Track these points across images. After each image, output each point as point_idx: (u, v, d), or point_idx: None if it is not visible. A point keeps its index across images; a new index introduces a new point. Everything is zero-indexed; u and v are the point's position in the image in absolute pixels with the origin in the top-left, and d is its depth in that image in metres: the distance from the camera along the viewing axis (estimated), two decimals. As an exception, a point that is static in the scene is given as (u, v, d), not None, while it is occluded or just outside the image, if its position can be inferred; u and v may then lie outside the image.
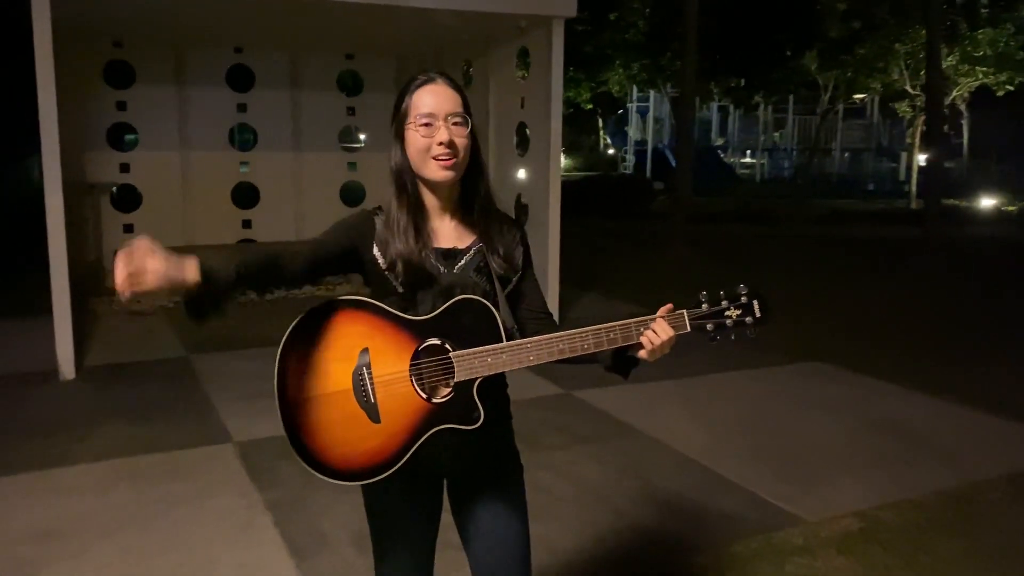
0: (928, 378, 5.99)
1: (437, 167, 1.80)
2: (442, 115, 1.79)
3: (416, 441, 1.77)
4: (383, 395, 1.77)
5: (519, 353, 1.79)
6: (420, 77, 1.85)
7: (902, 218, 17.48)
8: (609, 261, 11.56)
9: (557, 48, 6.95)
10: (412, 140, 1.81)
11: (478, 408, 1.79)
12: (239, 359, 6.26)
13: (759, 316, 1.85)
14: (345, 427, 1.78)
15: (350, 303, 1.82)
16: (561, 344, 1.80)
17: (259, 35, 8.77)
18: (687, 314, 1.84)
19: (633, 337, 1.82)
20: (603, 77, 22.24)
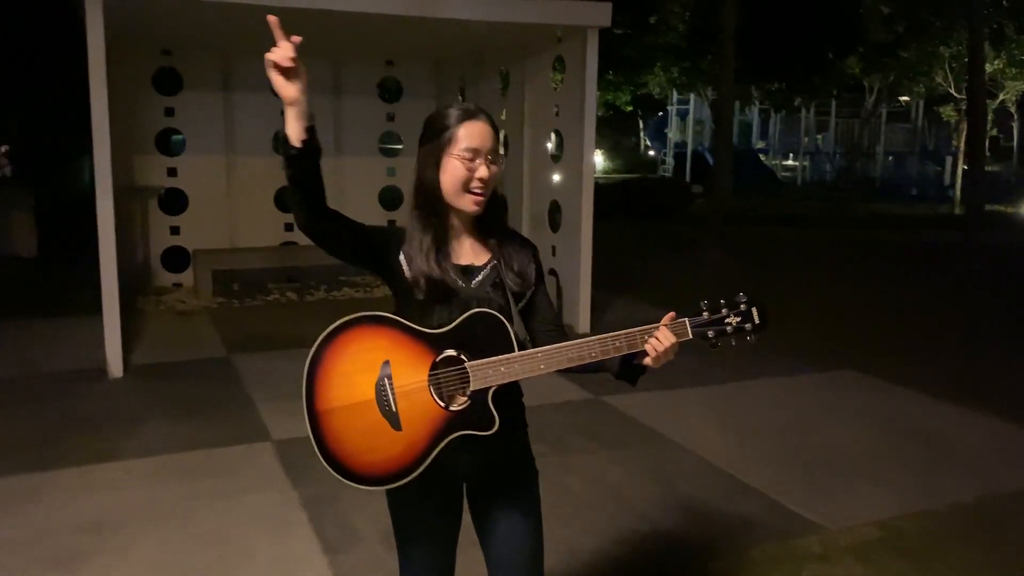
0: (961, 387, 5.98)
1: (471, 200, 1.93)
2: (485, 152, 1.92)
3: (435, 447, 1.90)
4: (404, 404, 1.90)
5: (530, 362, 1.92)
6: (459, 109, 1.95)
7: (945, 223, 17.23)
8: (644, 265, 11.61)
9: (591, 57, 7.06)
10: (452, 169, 1.92)
11: (493, 415, 1.92)
12: (278, 359, 6.46)
13: (758, 323, 1.96)
14: (369, 435, 1.91)
15: (371, 319, 1.95)
16: (570, 353, 1.92)
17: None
18: (689, 322, 1.95)
19: (638, 345, 1.94)
20: (643, 80, 22.25)
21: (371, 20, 6.89)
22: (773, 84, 18.39)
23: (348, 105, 10.15)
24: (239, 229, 9.76)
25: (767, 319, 1.95)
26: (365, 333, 1.94)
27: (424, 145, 1.98)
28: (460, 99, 10.02)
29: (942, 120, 24.94)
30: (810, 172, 31.21)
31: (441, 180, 1.94)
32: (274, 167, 10.01)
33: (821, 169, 31.54)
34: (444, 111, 1.97)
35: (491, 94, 9.22)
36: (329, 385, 1.95)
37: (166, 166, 9.45)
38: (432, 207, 1.96)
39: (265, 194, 9.90)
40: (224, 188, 9.69)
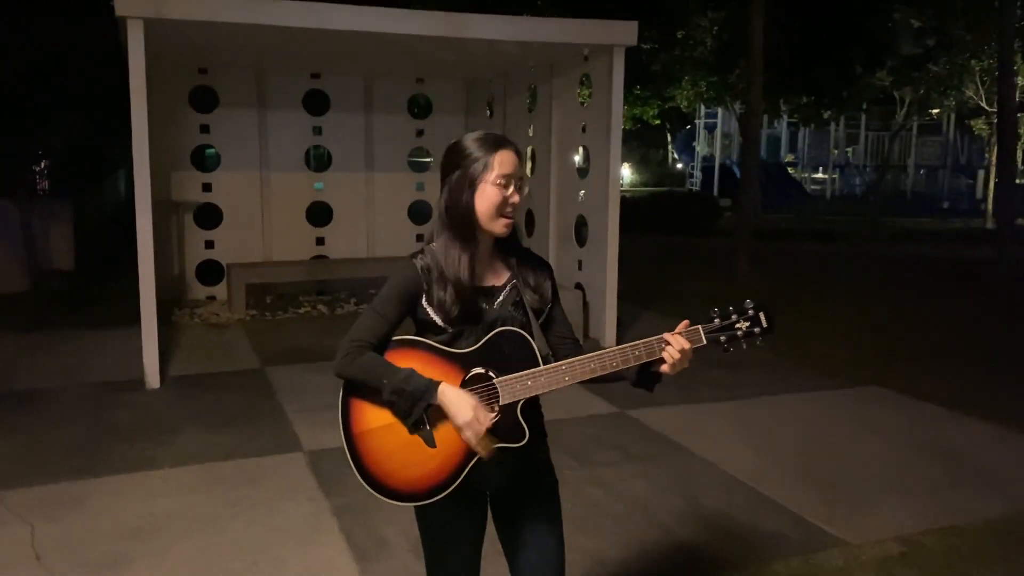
0: (989, 404, 5.96)
1: (503, 224, 2.05)
2: (516, 177, 2.05)
3: (469, 462, 2.01)
4: (436, 422, 2.01)
5: (555, 375, 2.02)
6: (490, 138, 2.06)
7: (977, 238, 17.09)
8: (670, 279, 11.65)
9: (618, 75, 7.16)
10: (489, 194, 2.02)
11: (523, 427, 2.02)
12: (310, 371, 6.60)
13: (765, 326, 2.08)
14: (405, 454, 2.02)
15: (402, 343, 2.07)
16: (592, 364, 2.02)
17: (335, 62, 9.19)
18: (702, 328, 2.07)
19: (656, 353, 2.04)
20: (670, 93, 22.29)
21: (402, 40, 7.05)
22: (802, 98, 18.35)
23: (379, 121, 10.33)
24: (272, 243, 9.96)
25: (774, 322, 2.07)
26: (397, 356, 2.05)
27: (452, 172, 2.06)
28: (488, 114, 10.16)
29: (974, 133, 24.71)
30: (840, 185, 31.02)
31: (476, 205, 2.03)
32: (306, 182, 10.26)
33: (851, 182, 31.34)
34: (470, 141, 2.07)
35: (519, 110, 9.35)
36: (364, 408, 2.06)
37: (201, 181, 9.68)
38: (468, 230, 2.05)
39: (297, 209, 10.09)
40: (257, 203, 9.90)
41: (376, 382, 2.00)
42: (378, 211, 10.51)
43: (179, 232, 9.54)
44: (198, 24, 6.33)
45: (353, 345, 2.04)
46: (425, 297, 2.05)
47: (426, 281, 2.05)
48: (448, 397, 1.97)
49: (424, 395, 1.97)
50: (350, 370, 2.04)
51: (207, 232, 9.74)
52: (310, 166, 10.49)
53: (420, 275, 2.06)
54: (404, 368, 2.00)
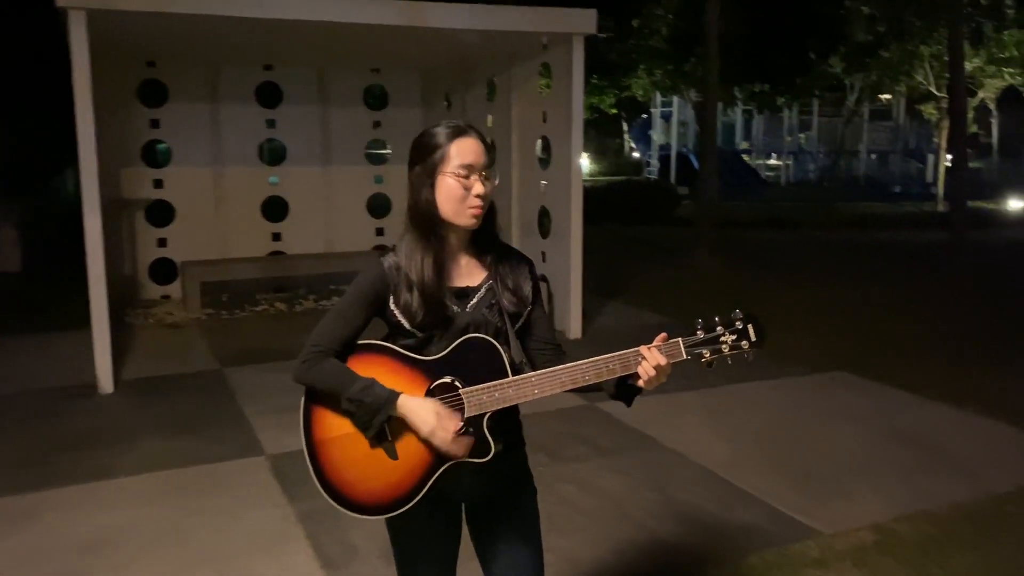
0: (952, 388, 6.02)
1: (469, 216, 1.93)
2: (479, 167, 1.92)
3: (432, 475, 1.91)
4: (399, 433, 1.91)
5: (523, 387, 1.92)
6: (449, 126, 1.95)
7: (929, 221, 17.37)
8: (632, 269, 11.64)
9: (578, 64, 7.08)
10: (448, 187, 1.91)
11: (489, 442, 1.92)
12: (269, 372, 6.44)
13: (754, 340, 1.93)
14: (366, 465, 1.92)
15: (367, 348, 1.96)
16: (563, 376, 1.92)
17: (288, 53, 8.98)
18: (682, 342, 1.93)
19: (631, 367, 1.92)
20: (627, 83, 22.35)
21: (358, 29, 6.89)
22: (757, 85, 18.51)
23: (334, 113, 10.14)
24: (226, 240, 9.72)
25: (764, 335, 1.93)
26: (359, 362, 1.94)
27: (415, 167, 1.96)
28: (447, 104, 10.03)
29: (923, 118, 25.14)
30: (794, 171, 31.39)
31: (437, 200, 1.93)
32: (261, 177, 10.02)
33: (804, 168, 31.73)
34: (432, 130, 1.96)
35: (478, 101, 9.23)
36: (325, 415, 1.96)
37: (152, 178, 9.41)
38: (430, 228, 1.95)
39: (252, 204, 9.87)
40: (211, 199, 9.65)
41: (335, 391, 1.90)
42: (336, 205, 10.32)
43: (130, 230, 9.27)
44: (144, 15, 6.11)
45: (314, 350, 1.94)
46: (393, 299, 1.94)
47: (394, 282, 1.94)
48: (409, 408, 1.87)
49: (383, 407, 1.87)
50: (309, 377, 1.94)
51: (159, 230, 9.47)
52: (264, 160, 10.26)
53: (388, 275, 1.95)
54: (365, 377, 1.89)
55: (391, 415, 1.88)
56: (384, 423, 1.89)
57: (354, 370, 1.92)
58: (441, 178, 1.92)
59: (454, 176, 1.90)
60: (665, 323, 8.24)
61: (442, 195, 1.92)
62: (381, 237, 10.53)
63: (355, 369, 1.92)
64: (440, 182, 1.92)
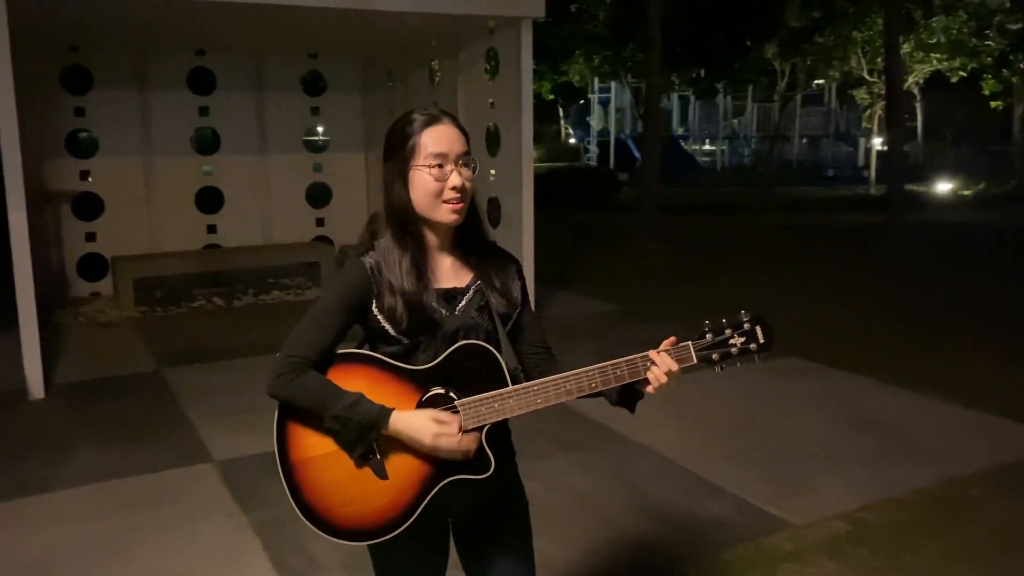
0: (904, 371, 6.06)
1: (447, 211, 1.76)
2: (453, 157, 1.75)
3: (427, 495, 1.75)
4: (388, 451, 1.74)
5: (526, 396, 1.77)
6: (422, 115, 1.79)
7: (864, 204, 17.73)
8: (579, 256, 11.57)
9: (526, 48, 6.92)
10: (421, 181, 1.75)
11: (489, 457, 1.77)
12: (212, 372, 6.17)
13: (763, 342, 1.86)
14: (351, 486, 1.75)
15: (348, 357, 1.78)
16: (568, 384, 1.79)
17: (221, 37, 8.61)
18: (692, 346, 1.84)
19: (640, 372, 1.82)
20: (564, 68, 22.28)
21: (297, 12, 6.60)
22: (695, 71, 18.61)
23: (271, 100, 9.79)
24: (159, 233, 9.32)
25: (772, 337, 1.86)
26: (340, 373, 1.76)
27: (388, 161, 1.81)
28: (388, 91, 9.76)
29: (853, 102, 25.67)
30: (729, 156, 31.80)
31: (412, 196, 1.77)
32: (194, 167, 9.63)
33: (740, 153, 32.17)
34: (403, 119, 1.80)
35: (422, 86, 9.00)
36: (303, 433, 1.77)
37: (78, 169, 8.95)
38: (405, 227, 1.79)
39: (186, 196, 9.48)
40: (141, 190, 9.24)
41: (318, 408, 1.72)
42: (273, 195, 9.98)
43: (56, 225, 8.81)
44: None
45: (290, 362, 1.74)
46: (376, 303, 1.77)
47: (376, 284, 1.77)
48: (404, 423, 1.71)
49: (374, 425, 1.69)
50: (287, 392, 1.74)
51: (87, 224, 9.02)
52: (197, 149, 9.85)
53: (369, 277, 1.77)
54: (351, 392, 1.71)
55: (381, 433, 1.71)
56: (372, 441, 1.73)
57: (338, 382, 1.74)
58: (413, 172, 1.76)
59: (426, 168, 1.74)
60: (616, 311, 8.19)
61: (416, 190, 1.77)
62: (321, 228, 10.25)
63: (336, 381, 1.74)
64: (412, 177, 1.77)
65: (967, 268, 10.53)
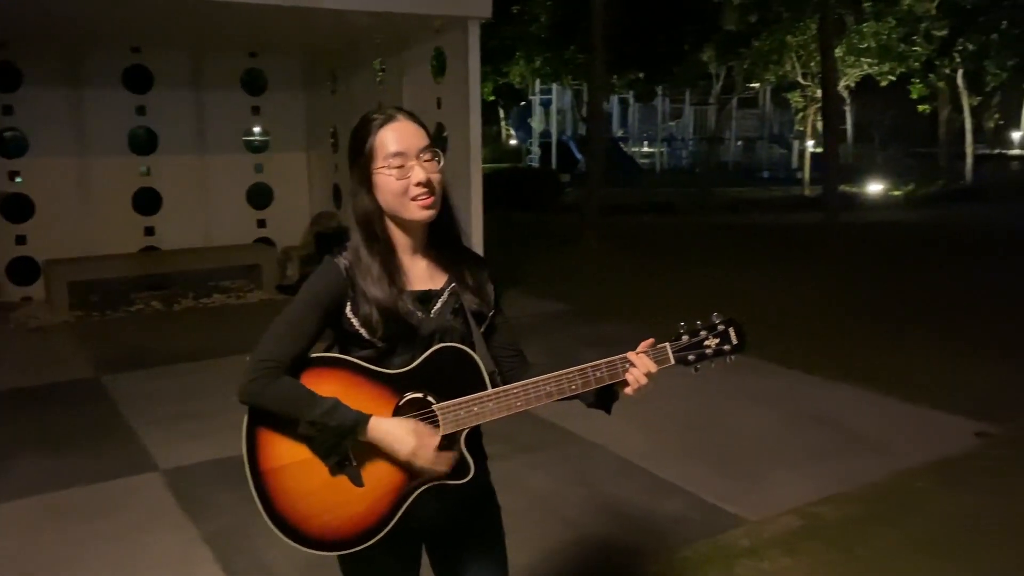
0: (847, 367, 6.19)
1: (417, 208, 1.72)
2: (413, 153, 1.72)
3: (404, 502, 1.71)
4: (364, 458, 1.70)
5: (506, 399, 1.75)
6: (377, 116, 1.75)
7: (800, 204, 18.16)
8: (525, 256, 11.57)
9: (473, 49, 6.91)
10: (385, 184, 1.71)
11: (468, 461, 1.74)
12: (155, 378, 6.00)
13: (736, 343, 1.90)
14: (326, 494, 1.70)
15: (322, 361, 1.73)
16: (549, 387, 1.77)
17: (157, 34, 8.38)
18: (670, 347, 1.85)
19: (619, 374, 1.82)
20: (506, 69, 22.31)
21: (238, 9, 6.46)
22: (634, 74, 18.81)
23: (210, 98, 9.56)
24: (94, 235, 9.00)
25: (745, 338, 1.90)
26: (315, 378, 1.71)
27: (352, 168, 1.77)
28: (331, 89, 9.63)
29: (787, 105, 26.26)
30: (667, 158, 32.23)
31: (379, 199, 1.73)
32: (130, 167, 9.35)
33: (678, 155, 32.63)
34: (360, 124, 1.77)
35: (367, 85, 8.90)
36: (275, 440, 1.71)
37: (7, 169, 8.61)
38: (372, 232, 1.75)
39: (122, 196, 9.20)
40: (75, 191, 8.93)
41: (293, 414, 1.66)
42: (213, 196, 9.76)
43: (-17, 227, 8.47)
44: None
45: (263, 366, 1.69)
46: (350, 305, 1.72)
47: (351, 286, 1.72)
48: (382, 430, 1.66)
49: (350, 432, 1.65)
50: (261, 399, 1.69)
51: (17, 226, 8.69)
52: (134, 149, 9.57)
53: (344, 278, 1.73)
54: (327, 398, 1.66)
55: (358, 439, 1.66)
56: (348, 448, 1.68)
57: (312, 388, 1.69)
58: (376, 176, 1.72)
59: (386, 169, 1.70)
60: (565, 310, 8.21)
61: (382, 193, 1.73)
62: (263, 229, 10.06)
63: (309, 386, 1.69)
64: (376, 180, 1.73)
65: (903, 265, 10.83)
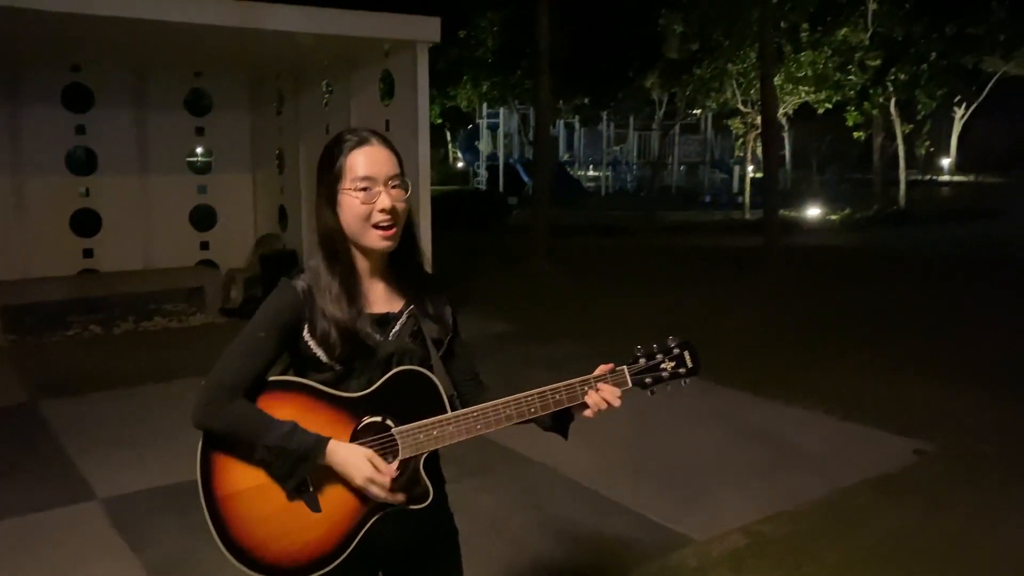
0: (788, 386, 6.31)
1: (378, 236, 1.73)
2: (382, 179, 1.73)
3: (362, 528, 1.71)
4: (322, 482, 1.69)
5: (466, 423, 1.76)
6: (351, 136, 1.76)
7: (741, 228, 18.50)
8: (474, 277, 11.58)
9: (422, 72, 6.95)
10: (349, 205, 1.72)
11: (427, 486, 1.74)
12: (92, 403, 5.85)
13: (691, 366, 1.93)
14: (283, 520, 1.68)
15: (279, 385, 1.72)
16: (508, 410, 1.79)
17: (98, 52, 8.24)
18: (628, 370, 1.87)
19: (578, 397, 1.84)
20: (453, 93, 22.43)
21: (181, 29, 6.39)
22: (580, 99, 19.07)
23: (153, 118, 9.41)
24: (30, 257, 8.77)
25: (699, 361, 1.94)
26: (271, 402, 1.70)
27: (318, 186, 1.77)
28: (277, 111, 9.56)
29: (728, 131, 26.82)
30: (612, 182, 32.65)
31: (341, 220, 1.73)
32: (69, 187, 9.13)
33: (623, 178, 33.06)
34: (332, 142, 1.77)
35: (314, 107, 8.86)
36: (230, 465, 1.70)
37: (-62, 189, 8.36)
38: (334, 252, 1.75)
39: (59, 217, 8.98)
40: (10, 212, 8.69)
41: (250, 438, 1.65)
42: (155, 218, 9.59)
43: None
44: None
45: (218, 390, 1.67)
46: (308, 327, 1.72)
47: (309, 308, 1.72)
48: (339, 455, 1.66)
49: (309, 456, 1.64)
50: (216, 423, 1.67)
51: (-53, 248, 8.42)
52: (72, 169, 9.36)
53: (302, 300, 1.72)
54: (284, 421, 1.66)
55: (317, 464, 1.65)
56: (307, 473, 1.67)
57: (268, 412, 1.67)
58: (341, 196, 1.73)
59: (353, 191, 1.71)
60: (514, 331, 8.23)
61: (345, 214, 1.73)
62: (206, 252, 9.90)
63: (267, 410, 1.68)
64: (341, 200, 1.73)
65: (840, 287, 11.11)
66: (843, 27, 18.55)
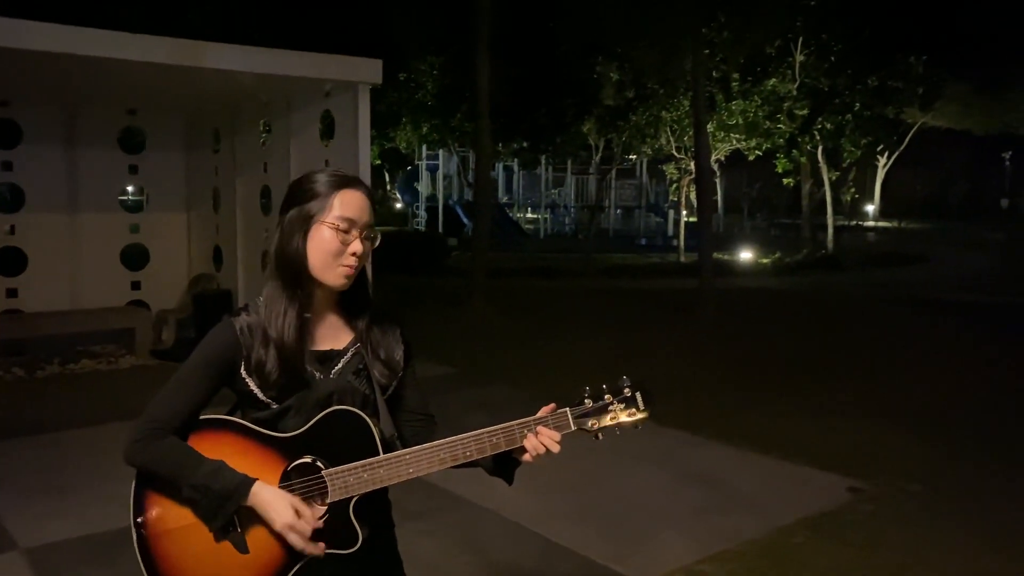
0: (724, 427, 6.40)
1: (341, 274, 1.73)
2: (361, 225, 1.74)
3: (290, 570, 1.67)
4: (249, 523, 1.65)
5: (397, 467, 1.73)
6: (335, 175, 1.77)
7: (675, 270, 18.85)
8: (412, 318, 11.43)
9: (363, 113, 6.95)
10: (323, 239, 1.71)
11: (356, 530, 1.71)
12: (13, 449, 5.60)
13: (643, 408, 1.86)
14: (212, 560, 1.65)
15: (211, 423, 1.69)
16: (442, 453, 1.76)
17: (28, 87, 8.04)
18: (570, 412, 1.84)
19: (516, 440, 1.81)
20: (392, 134, 22.51)
21: (113, 65, 6.28)
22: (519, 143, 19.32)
23: (84, 156, 9.19)
24: (-51, 297, 8.44)
25: (653, 402, 1.86)
26: (203, 440, 1.67)
27: (290, 210, 1.76)
28: (214, 149, 9.44)
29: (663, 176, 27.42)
30: (551, 224, 33.00)
31: (309, 250, 1.72)
32: (-6, 225, 8.83)
33: (561, 221, 33.46)
34: (313, 176, 1.78)
35: (252, 146, 8.77)
36: (161, 503, 1.66)
37: None
38: (295, 279, 1.74)
39: (-19, 256, 8.67)
40: (-72, 250, 8.37)
41: (176, 476, 1.61)
42: (84, 257, 9.32)
43: None
44: None
45: (149, 427, 1.64)
46: (244, 364, 1.69)
47: (246, 345, 1.69)
48: (262, 498, 1.63)
49: (233, 495, 1.61)
50: (144, 458, 1.64)
51: None
52: (-3, 206, 9.08)
53: (239, 339, 1.70)
54: (212, 460, 1.63)
55: (241, 504, 1.61)
56: (233, 513, 1.63)
57: (197, 450, 1.63)
58: (317, 227, 1.72)
59: (332, 227, 1.71)
60: (452, 373, 8.19)
61: (314, 246, 1.72)
62: (137, 292, 9.64)
63: (197, 449, 1.64)
64: (315, 231, 1.72)
65: (774, 329, 11.37)
66: (772, 78, 19.26)
